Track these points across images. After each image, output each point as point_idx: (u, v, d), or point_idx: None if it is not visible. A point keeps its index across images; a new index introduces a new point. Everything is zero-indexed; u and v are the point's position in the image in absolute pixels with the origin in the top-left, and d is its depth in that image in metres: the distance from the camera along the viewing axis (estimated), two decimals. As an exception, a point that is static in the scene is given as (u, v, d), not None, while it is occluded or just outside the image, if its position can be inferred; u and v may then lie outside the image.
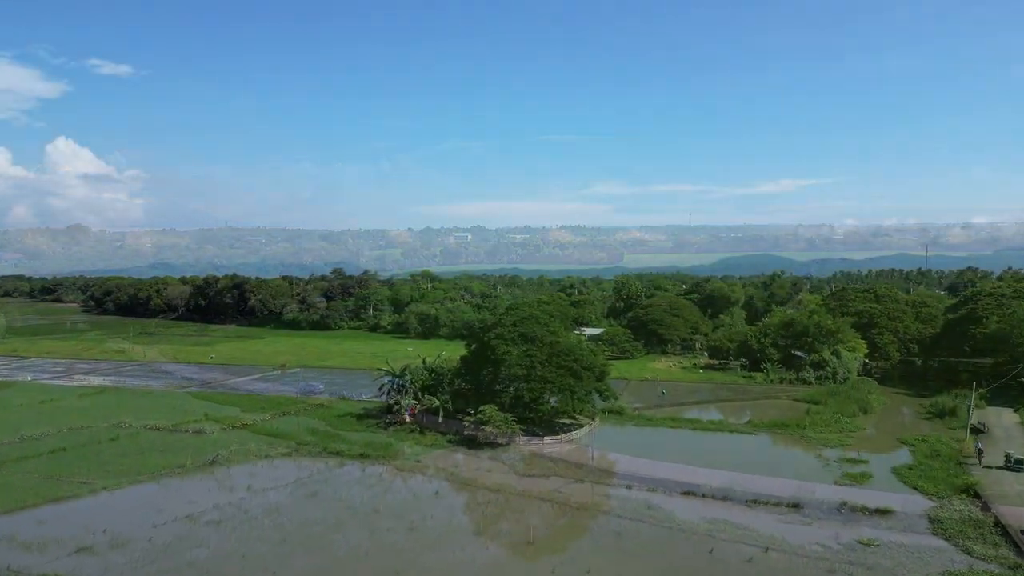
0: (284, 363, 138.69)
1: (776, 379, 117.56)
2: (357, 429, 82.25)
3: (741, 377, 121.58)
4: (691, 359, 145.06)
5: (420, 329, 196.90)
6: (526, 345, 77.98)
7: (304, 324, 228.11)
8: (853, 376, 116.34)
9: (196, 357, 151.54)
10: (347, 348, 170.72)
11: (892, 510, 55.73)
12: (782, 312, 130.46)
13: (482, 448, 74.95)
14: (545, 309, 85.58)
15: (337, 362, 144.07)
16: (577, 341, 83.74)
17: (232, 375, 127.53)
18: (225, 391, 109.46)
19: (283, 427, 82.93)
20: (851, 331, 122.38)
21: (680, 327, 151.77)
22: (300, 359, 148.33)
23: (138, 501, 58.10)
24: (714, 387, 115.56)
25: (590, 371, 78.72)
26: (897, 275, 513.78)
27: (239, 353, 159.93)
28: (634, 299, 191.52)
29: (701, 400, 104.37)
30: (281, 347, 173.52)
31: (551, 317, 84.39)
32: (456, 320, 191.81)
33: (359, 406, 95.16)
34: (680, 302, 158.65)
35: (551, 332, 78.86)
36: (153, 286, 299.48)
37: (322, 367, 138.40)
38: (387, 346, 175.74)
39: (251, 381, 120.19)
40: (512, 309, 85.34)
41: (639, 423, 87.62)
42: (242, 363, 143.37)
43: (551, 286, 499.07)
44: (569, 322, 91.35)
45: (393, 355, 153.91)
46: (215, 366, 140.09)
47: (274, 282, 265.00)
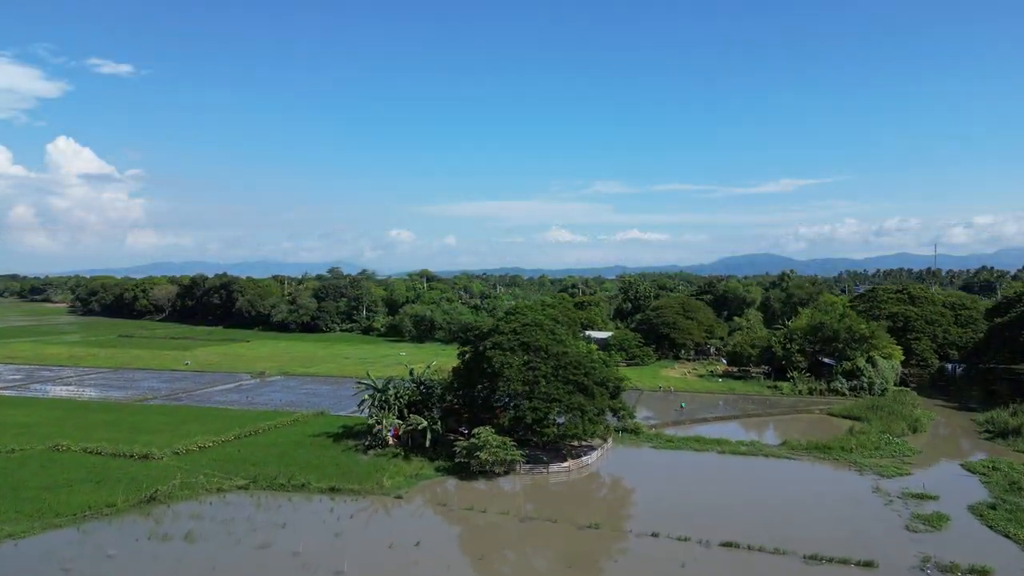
0: (263, 370, 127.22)
1: (805, 389, 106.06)
2: (332, 453, 70.74)
3: (765, 387, 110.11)
4: (706, 365, 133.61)
5: (415, 332, 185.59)
6: (528, 356, 66.51)
7: (293, 326, 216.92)
8: (891, 387, 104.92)
9: (170, 363, 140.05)
10: (335, 352, 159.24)
11: (990, 571, 44.20)
12: (808, 314, 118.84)
13: (476, 478, 63.47)
14: (549, 314, 74.17)
15: (322, 368, 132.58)
16: (587, 351, 72.19)
17: (204, 384, 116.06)
18: (191, 404, 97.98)
19: (246, 450, 71.43)
20: (887, 336, 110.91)
21: (694, 331, 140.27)
22: (282, 365, 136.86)
23: (43, 555, 46.57)
24: (736, 398, 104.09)
25: (603, 387, 67.22)
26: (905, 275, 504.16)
27: (218, 358, 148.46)
28: (642, 300, 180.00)
29: (724, 415, 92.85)
30: (265, 351, 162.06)
31: (556, 323, 72.90)
32: (453, 322, 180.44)
33: (338, 423, 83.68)
34: (693, 303, 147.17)
35: (557, 341, 67.36)
36: (139, 286, 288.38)
37: (305, 374, 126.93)
38: (379, 350, 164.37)
39: (223, 392, 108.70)
40: (512, 314, 73.85)
41: (658, 444, 76.17)
42: (219, 370, 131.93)
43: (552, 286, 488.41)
44: (577, 328, 79.98)
45: (384, 361, 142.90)
46: (189, 373, 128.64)
47: (263, 282, 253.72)
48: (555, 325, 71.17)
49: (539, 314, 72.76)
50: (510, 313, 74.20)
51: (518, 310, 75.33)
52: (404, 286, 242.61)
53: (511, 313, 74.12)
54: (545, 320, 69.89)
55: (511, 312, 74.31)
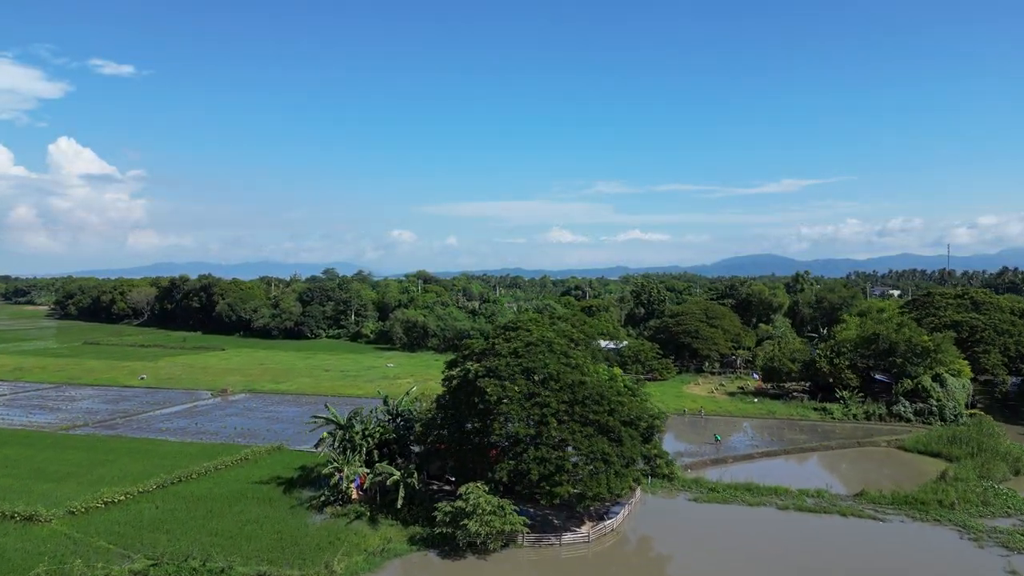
0: (226, 387, 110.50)
1: (860, 414, 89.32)
2: (276, 512, 54.14)
3: (811, 409, 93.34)
4: (735, 380, 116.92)
5: (406, 339, 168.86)
6: (533, 387, 49.82)
7: (276, 332, 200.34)
8: (962, 410, 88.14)
9: (124, 377, 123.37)
10: (315, 363, 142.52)
11: None
12: (857, 324, 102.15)
13: (463, 554, 46.85)
14: (561, 329, 57.22)
15: (295, 384, 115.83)
16: (609, 376, 55.46)
17: (153, 404, 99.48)
18: (125, 433, 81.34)
19: (165, 508, 54.81)
20: (953, 349, 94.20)
21: (719, 340, 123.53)
22: (251, 380, 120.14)
23: None
24: (779, 424, 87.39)
25: (632, 427, 50.52)
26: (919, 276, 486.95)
27: (181, 371, 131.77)
28: (655, 304, 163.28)
29: (771, 449, 76.02)
30: (237, 362, 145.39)
31: (570, 342, 56.14)
32: (447, 329, 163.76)
33: (297, 461, 67.08)
34: (718, 309, 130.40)
35: (572, 367, 50.68)
36: (117, 289, 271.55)
37: (274, 391, 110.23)
38: (364, 360, 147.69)
39: (171, 416, 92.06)
40: (512, 329, 57.13)
41: (698, 494, 59.56)
42: (177, 386, 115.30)
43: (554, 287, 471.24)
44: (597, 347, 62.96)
45: (367, 374, 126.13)
46: (141, 390, 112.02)
47: (246, 284, 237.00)
48: (568, 345, 54.42)
49: (546, 329, 55.97)
50: (510, 328, 57.46)
51: (520, 323, 58.59)
52: (397, 289, 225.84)
53: (511, 328, 57.39)
54: (555, 338, 53.19)
55: (511, 326, 57.56)
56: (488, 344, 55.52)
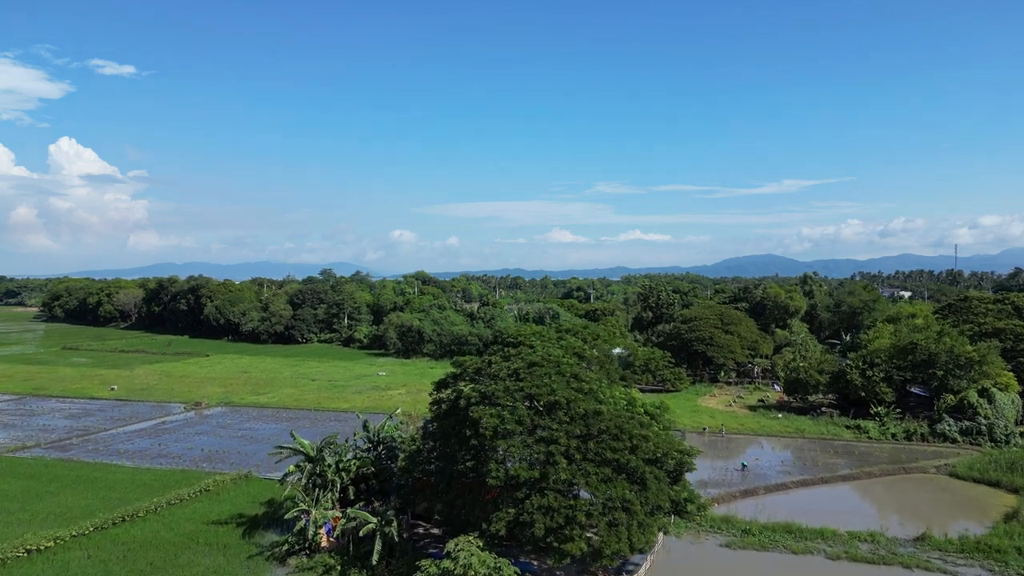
0: (200, 400, 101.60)
1: (899, 432, 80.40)
2: (231, 563, 45.29)
3: (843, 427, 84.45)
4: (753, 391, 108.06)
5: (400, 345, 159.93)
6: (537, 417, 40.94)
7: (265, 336, 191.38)
8: (1013, 428, 79.25)
9: (94, 388, 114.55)
10: (302, 372, 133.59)
11: None
12: (890, 331, 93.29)
13: (453, 625, 37.95)
14: (571, 345, 47.87)
15: (276, 396, 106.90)
16: (628, 401, 46.51)
17: (120, 420, 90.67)
18: (78, 456, 72.50)
19: (97, 559, 45.98)
20: (1000, 361, 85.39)
21: (736, 348, 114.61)
22: (230, 391, 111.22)
23: None
24: (809, 445, 78.42)
25: (659, 465, 41.60)
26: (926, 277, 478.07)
27: (157, 380, 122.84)
28: (664, 308, 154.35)
29: (806, 477, 66.98)
30: (219, 370, 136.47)
31: (580, 360, 47.15)
32: (444, 334, 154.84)
33: (265, 493, 58.23)
34: (733, 314, 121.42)
35: (586, 393, 41.78)
36: (104, 290, 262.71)
37: (253, 404, 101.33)
38: (355, 368, 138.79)
39: (135, 434, 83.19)
40: (513, 345, 48.22)
41: (731, 536, 50.69)
42: (149, 397, 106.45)
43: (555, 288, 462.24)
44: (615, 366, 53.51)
45: (356, 384, 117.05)
46: (109, 403, 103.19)
47: (236, 286, 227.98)
48: (578, 364, 45.46)
49: (552, 345, 46.99)
50: (509, 343, 48.57)
51: (522, 337, 49.68)
52: (392, 291, 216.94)
53: (511, 343, 48.51)
54: (563, 356, 44.24)
55: (511, 341, 48.67)
56: (484, 362, 46.56)
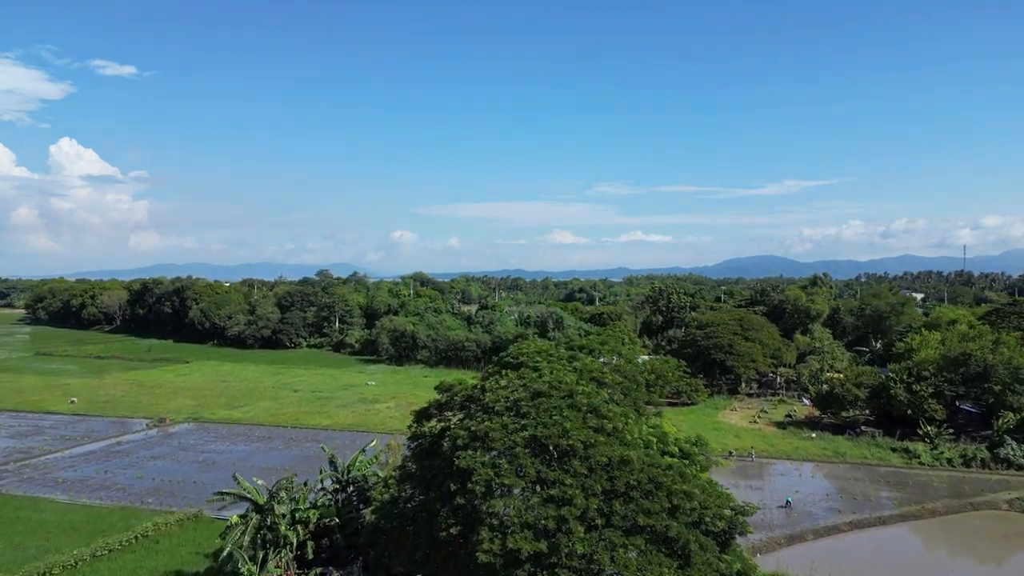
0: (166, 415, 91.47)
1: (955, 457, 70.20)
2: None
3: (889, 450, 74.26)
4: (777, 404, 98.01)
5: (393, 350, 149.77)
6: (543, 466, 30.77)
7: (251, 341, 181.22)
8: (1086, 453, 69.00)
9: (55, 400, 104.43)
10: (285, 381, 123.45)
11: None
12: (937, 339, 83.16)
13: None
14: (585, 367, 37.11)
15: (252, 410, 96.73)
16: (658, 438, 36.31)
17: (71, 439, 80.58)
18: (8, 487, 62.49)
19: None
20: (1065, 374, 75.16)
21: (758, 356, 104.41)
22: (202, 404, 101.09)
23: None
24: (854, 473, 68.16)
25: (703, 528, 31.28)
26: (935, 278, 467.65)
27: (125, 390, 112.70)
28: (675, 312, 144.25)
29: (860, 517, 56.71)
30: (196, 379, 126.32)
31: (599, 386, 36.81)
32: (440, 339, 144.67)
33: (213, 540, 47.97)
34: (754, 319, 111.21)
35: (607, 433, 31.66)
36: (88, 292, 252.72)
37: (226, 420, 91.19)
38: (343, 376, 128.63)
39: (82, 457, 73.08)
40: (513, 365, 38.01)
41: (784, 604, 40.65)
42: (111, 412, 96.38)
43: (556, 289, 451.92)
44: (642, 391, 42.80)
45: (342, 396, 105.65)
46: (64, 418, 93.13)
47: (223, 288, 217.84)
48: (598, 394, 35.23)
49: (564, 370, 36.69)
50: (509, 364, 38.41)
51: (523, 355, 39.50)
52: (387, 292, 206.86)
53: (511, 364, 38.35)
54: (579, 384, 34.05)
55: (511, 361, 38.50)
56: (476, 388, 36.40)
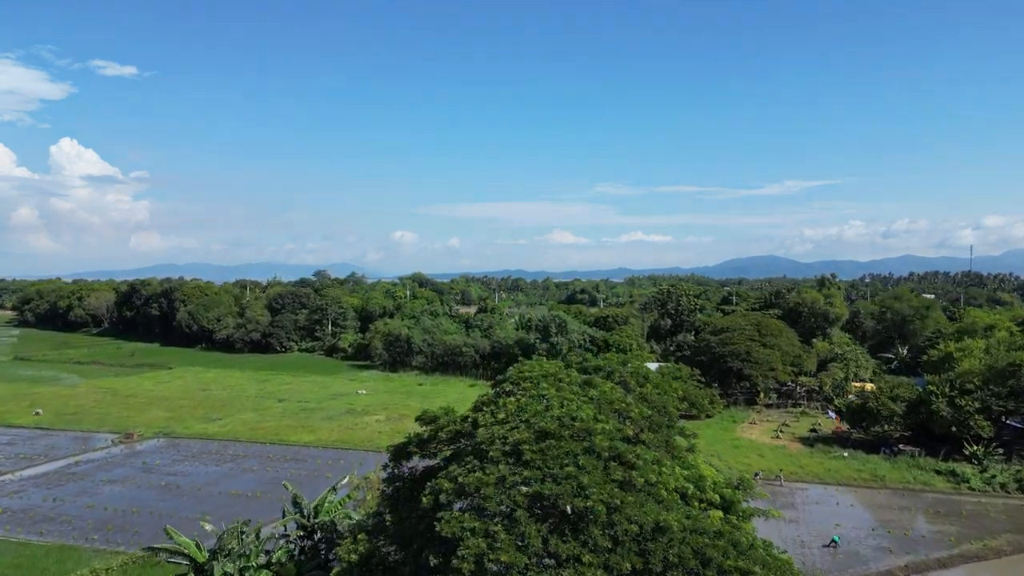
0: (134, 430, 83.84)
1: (1010, 482, 62.59)
2: None
3: (931, 472, 66.60)
4: (799, 417, 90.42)
5: (387, 355, 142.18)
6: (557, 539, 23.18)
7: (240, 345, 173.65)
8: None
9: (19, 412, 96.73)
10: (270, 389, 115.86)
11: None
12: (980, 346, 75.52)
13: None
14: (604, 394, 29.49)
15: (230, 424, 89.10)
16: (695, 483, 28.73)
17: (26, 458, 73.00)
18: (-62, 519, 54.84)
19: None
20: None
21: (777, 364, 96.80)
22: (176, 416, 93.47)
23: None
24: (898, 501, 60.47)
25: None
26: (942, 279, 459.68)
27: (96, 401, 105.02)
28: (685, 315, 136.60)
29: (914, 559, 49.15)
30: (176, 387, 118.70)
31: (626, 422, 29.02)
32: (436, 344, 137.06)
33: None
34: (772, 324, 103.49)
35: (636, 490, 24.13)
36: (75, 293, 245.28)
37: (200, 435, 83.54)
38: (333, 384, 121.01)
39: (31, 481, 65.47)
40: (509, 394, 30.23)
41: None
42: (77, 425, 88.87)
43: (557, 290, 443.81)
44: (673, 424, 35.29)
45: (330, 407, 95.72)
46: (28, 431, 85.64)
47: (212, 289, 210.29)
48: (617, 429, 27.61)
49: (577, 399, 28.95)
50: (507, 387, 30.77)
51: (525, 375, 31.86)
52: (382, 294, 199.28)
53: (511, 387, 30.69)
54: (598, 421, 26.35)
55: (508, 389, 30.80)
56: (468, 422, 28.78)
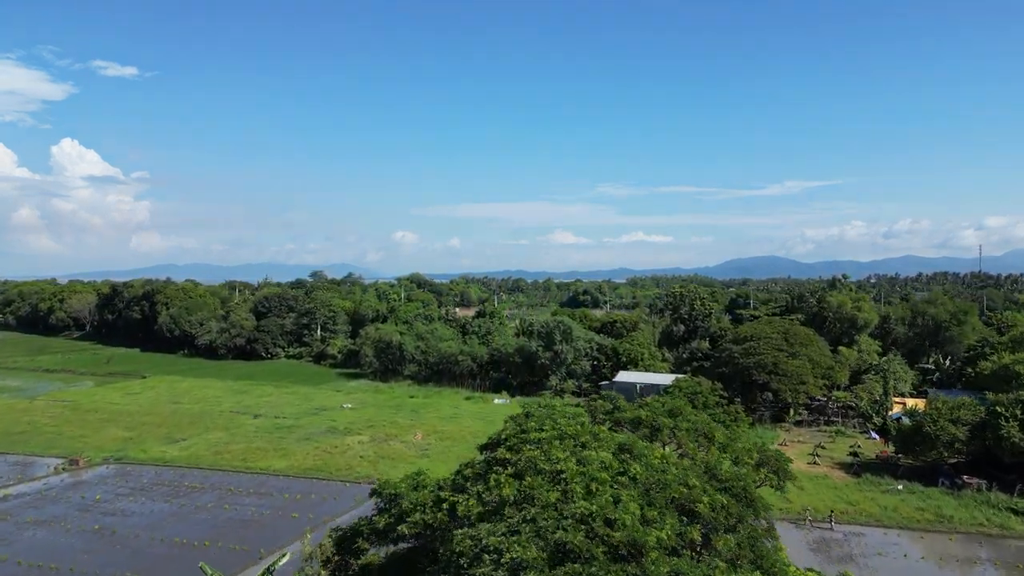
0: (78, 456, 73.51)
1: (1104, 525, 52.40)
2: None
3: (1007, 511, 56.41)
4: (835, 438, 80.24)
5: (377, 364, 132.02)
6: None
7: (223, 351, 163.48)
8: None
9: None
10: (247, 402, 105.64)
11: None
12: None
13: None
14: (649, 477, 19.17)
15: (194, 445, 78.75)
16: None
17: (-54, 492, 62.83)
18: None
19: None
20: None
21: (808, 378, 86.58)
22: (135, 436, 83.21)
23: None
24: (972, 547, 50.34)
25: None
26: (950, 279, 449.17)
27: (53, 416, 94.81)
28: (699, 320, 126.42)
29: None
30: (146, 399, 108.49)
31: (689, 524, 18.81)
32: (430, 351, 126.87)
33: None
34: (801, 333, 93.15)
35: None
36: (57, 296, 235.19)
37: (155, 460, 73.26)
38: (316, 396, 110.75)
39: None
40: (503, 462, 20.10)
41: None
42: (22, 446, 78.68)
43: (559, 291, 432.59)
44: (759, 508, 26.02)
45: (311, 424, 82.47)
46: (-39, 457, 75.44)
47: (197, 292, 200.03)
48: (683, 546, 17.44)
49: (609, 479, 18.81)
50: (502, 456, 20.66)
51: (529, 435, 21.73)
52: (375, 296, 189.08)
53: (506, 458, 20.54)
54: (647, 524, 16.36)
55: (506, 455, 20.72)
56: (443, 510, 18.65)
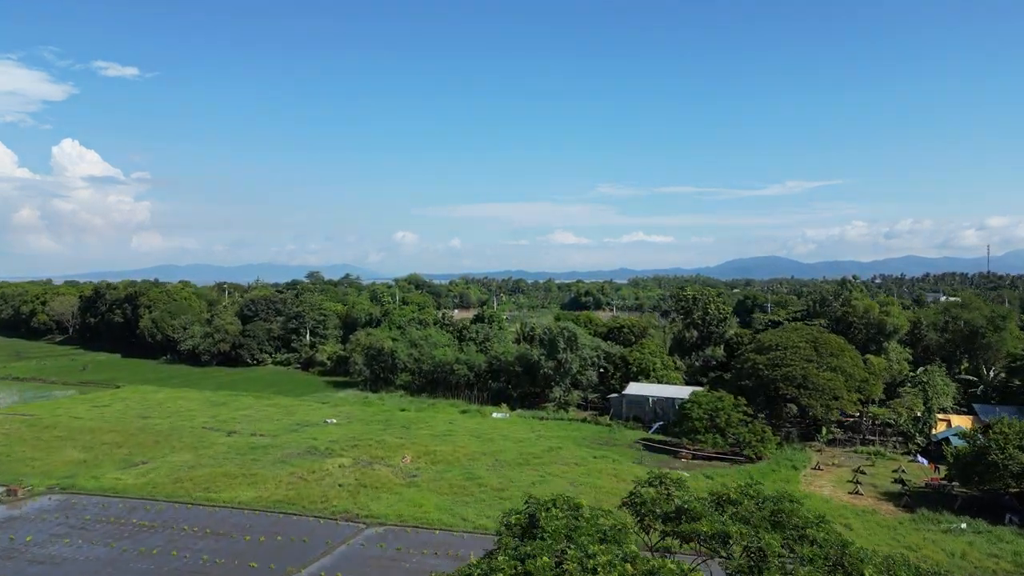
0: (16, 485, 64.60)
1: None
2: None
3: (1099, 559, 47.64)
4: (874, 460, 71.50)
5: (368, 372, 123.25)
6: None
7: (207, 357, 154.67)
8: None
9: (-102, 451, 77.86)
10: (223, 416, 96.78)
11: None
12: None
13: None
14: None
15: (154, 470, 69.80)
16: None
17: None
18: None
19: None
20: None
21: (842, 392, 77.73)
22: (90, 458, 74.34)
23: None
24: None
25: None
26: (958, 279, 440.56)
27: (6, 433, 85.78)
28: (713, 326, 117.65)
29: None
30: (113, 412, 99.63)
31: None
32: (424, 359, 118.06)
33: None
34: (832, 342, 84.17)
35: None
36: (39, 298, 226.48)
37: (106, 490, 64.29)
38: (299, 410, 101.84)
39: None
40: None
41: None
42: (-41, 473, 69.85)
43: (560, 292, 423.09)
44: None
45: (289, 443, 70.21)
46: None
47: (182, 294, 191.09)
48: None
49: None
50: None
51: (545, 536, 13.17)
52: (368, 299, 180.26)
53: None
54: None
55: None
56: None
